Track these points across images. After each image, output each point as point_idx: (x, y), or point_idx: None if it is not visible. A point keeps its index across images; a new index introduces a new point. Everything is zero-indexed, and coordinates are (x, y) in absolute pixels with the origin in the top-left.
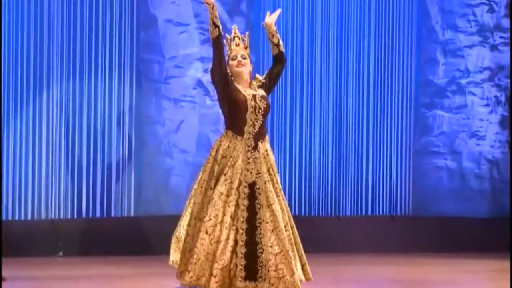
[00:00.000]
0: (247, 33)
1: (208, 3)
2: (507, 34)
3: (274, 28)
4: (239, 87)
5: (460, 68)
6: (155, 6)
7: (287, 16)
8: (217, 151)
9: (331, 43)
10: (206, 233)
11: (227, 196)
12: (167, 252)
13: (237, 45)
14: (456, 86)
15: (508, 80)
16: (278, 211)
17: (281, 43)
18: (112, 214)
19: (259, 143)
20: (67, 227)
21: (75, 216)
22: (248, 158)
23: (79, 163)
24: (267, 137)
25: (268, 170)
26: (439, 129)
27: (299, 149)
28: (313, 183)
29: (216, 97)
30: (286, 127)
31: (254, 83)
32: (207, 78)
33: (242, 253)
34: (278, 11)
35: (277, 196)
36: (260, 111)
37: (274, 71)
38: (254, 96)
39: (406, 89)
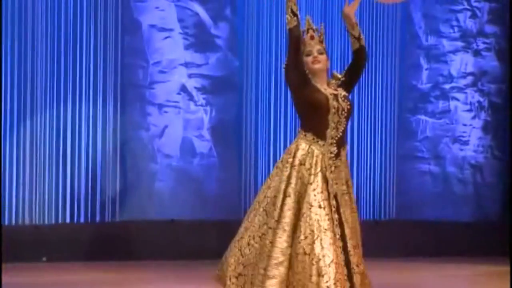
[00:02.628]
0: (322, 24)
1: None
2: (490, 40)
3: (354, 19)
4: (318, 85)
5: (444, 73)
6: (139, 12)
7: (271, 20)
8: (294, 156)
9: None
10: (305, 253)
11: (320, 208)
12: (152, 257)
13: (312, 38)
14: (440, 91)
15: (491, 85)
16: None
17: (362, 36)
18: (96, 219)
19: (341, 150)
20: (50, 232)
21: (59, 222)
22: (330, 166)
23: (63, 168)
24: (347, 145)
25: (346, 182)
26: (423, 134)
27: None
28: None
29: (200, 102)
30: (270, 130)
31: (333, 81)
32: (191, 83)
33: (345, 275)
34: None
35: (353, 212)
36: (343, 112)
37: (355, 68)
38: (335, 96)
39: (389, 94)
